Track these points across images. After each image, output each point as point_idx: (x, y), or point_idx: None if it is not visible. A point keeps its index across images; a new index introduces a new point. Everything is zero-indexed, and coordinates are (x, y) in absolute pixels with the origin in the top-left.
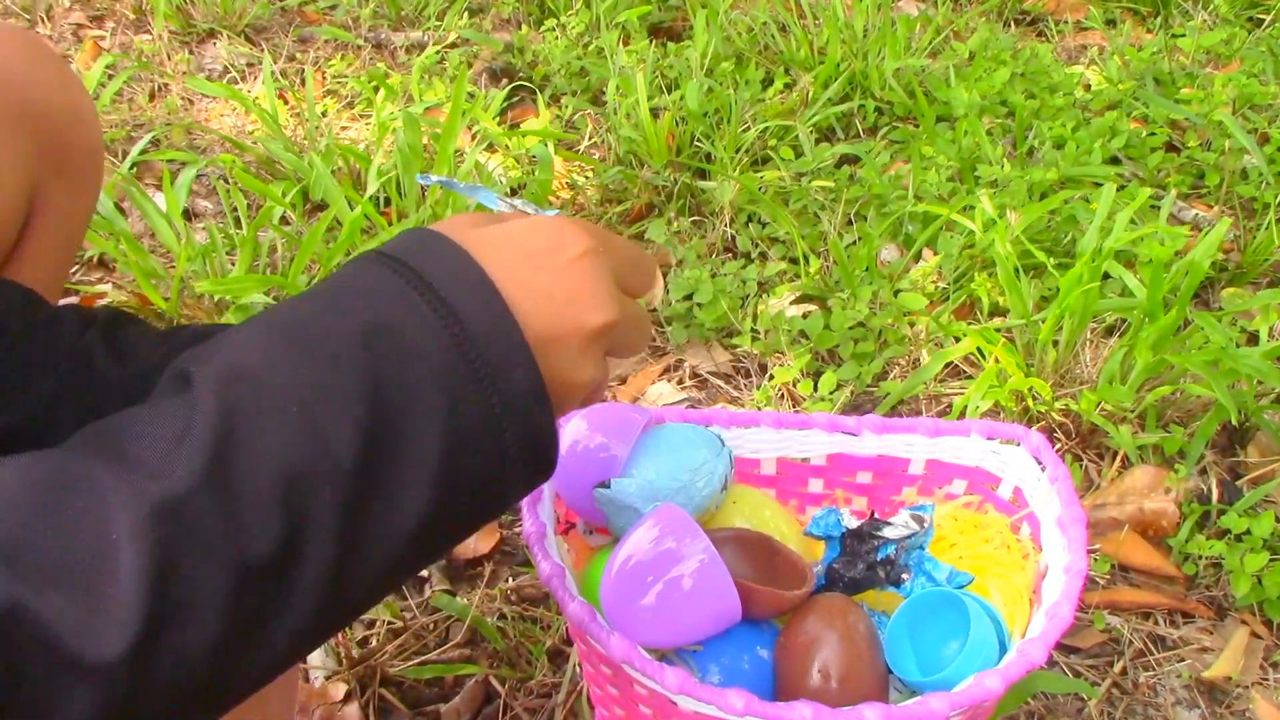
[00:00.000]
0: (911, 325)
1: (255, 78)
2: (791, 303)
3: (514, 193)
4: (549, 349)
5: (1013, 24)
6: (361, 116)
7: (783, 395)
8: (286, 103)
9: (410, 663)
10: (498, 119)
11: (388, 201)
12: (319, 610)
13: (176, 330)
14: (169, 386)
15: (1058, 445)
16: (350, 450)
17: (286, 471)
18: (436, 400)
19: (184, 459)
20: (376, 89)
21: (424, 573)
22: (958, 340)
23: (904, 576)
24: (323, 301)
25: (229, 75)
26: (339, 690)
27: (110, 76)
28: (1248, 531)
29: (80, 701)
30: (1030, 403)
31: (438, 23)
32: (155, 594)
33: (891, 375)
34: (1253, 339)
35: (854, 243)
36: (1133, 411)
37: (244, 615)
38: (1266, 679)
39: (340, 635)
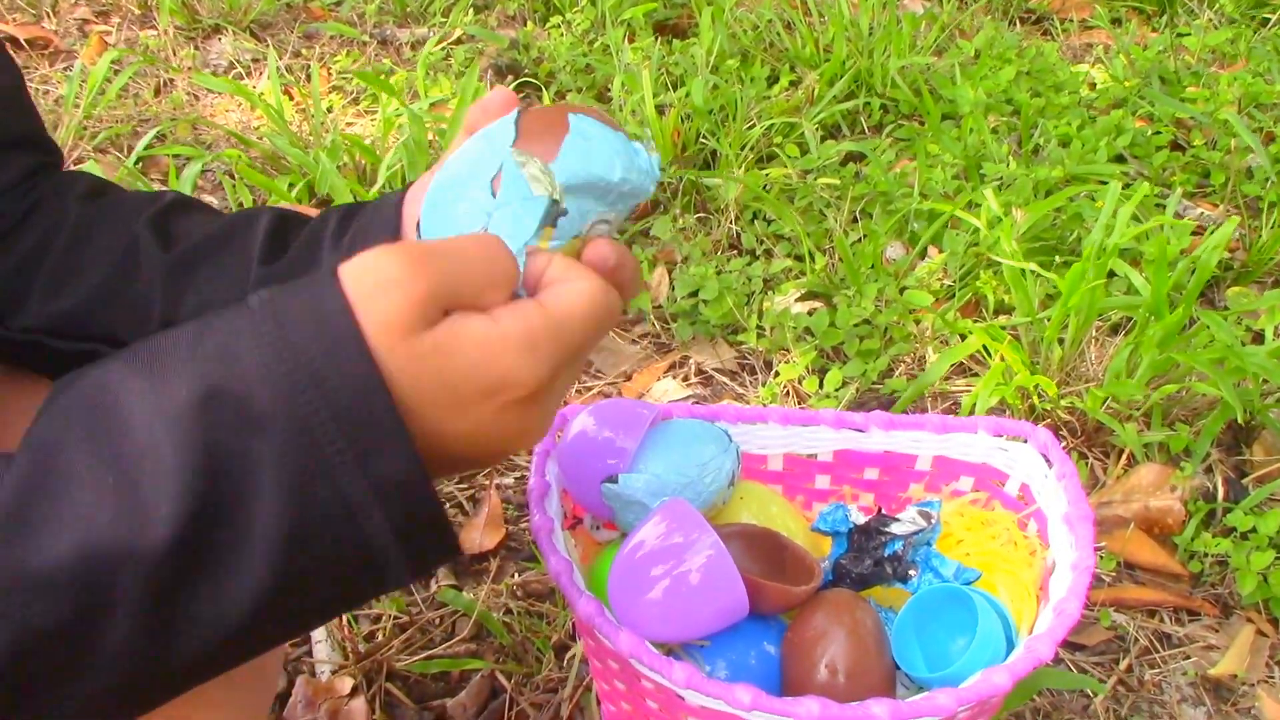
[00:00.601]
0: (917, 323)
1: (260, 73)
2: (797, 300)
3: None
4: (451, 471)
5: (1018, 22)
6: (367, 112)
7: (788, 392)
8: (292, 98)
9: (416, 657)
10: None
11: None
12: (130, 678)
13: (234, 213)
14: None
15: (1063, 443)
16: (168, 528)
17: (86, 546)
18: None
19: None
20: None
21: None
22: (963, 338)
23: (911, 572)
24: (186, 346)
25: (234, 70)
26: (345, 684)
27: (116, 71)
28: (1253, 530)
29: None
30: (1036, 400)
31: (443, 19)
32: None
33: (897, 372)
34: (1258, 337)
35: (859, 240)
36: (1138, 409)
37: (27, 678)
38: (1272, 677)
39: (346, 630)
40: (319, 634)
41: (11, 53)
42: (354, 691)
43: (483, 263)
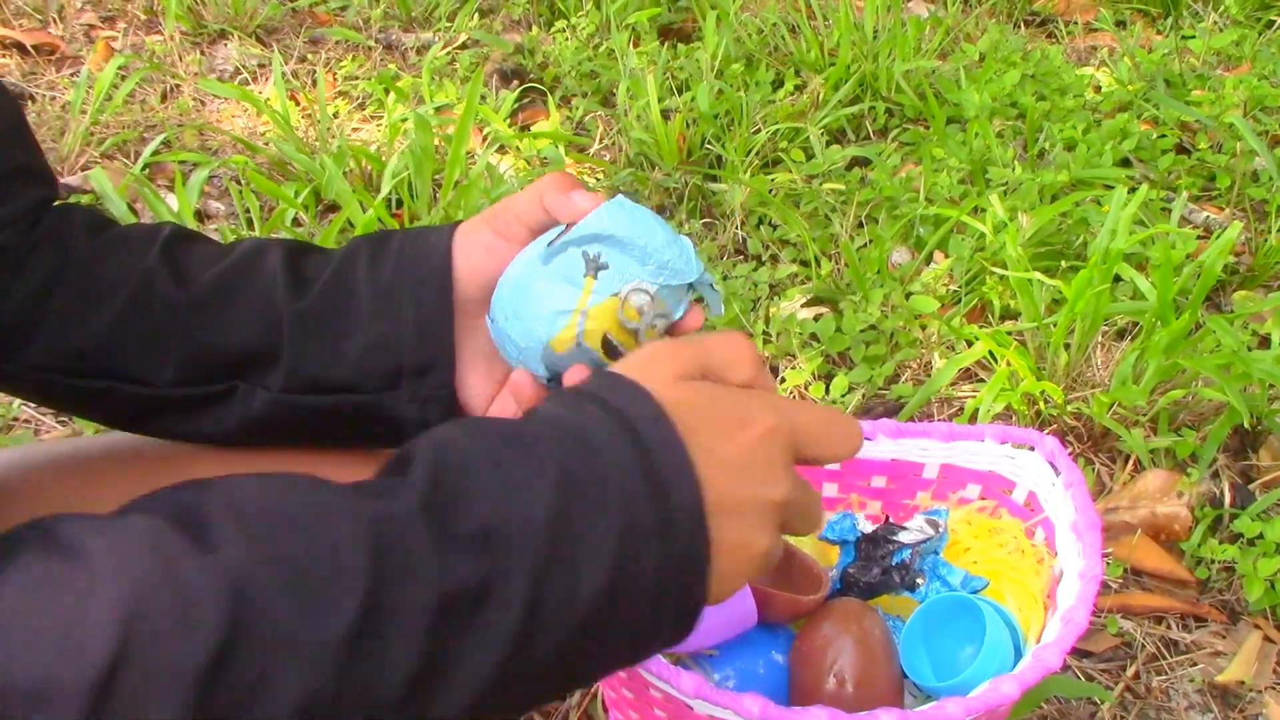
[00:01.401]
0: (923, 328)
1: (266, 79)
2: (803, 305)
3: None
4: (726, 516)
5: (1023, 25)
6: (373, 118)
7: (794, 398)
8: (298, 104)
9: None
10: (508, 120)
11: (399, 203)
12: (503, 664)
13: (235, 244)
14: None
15: (1070, 449)
16: (542, 513)
17: (488, 519)
18: (616, 505)
19: (404, 489)
20: (387, 91)
21: None
22: (970, 344)
23: (919, 581)
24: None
25: (240, 76)
26: None
27: (123, 77)
28: (1260, 536)
29: (291, 680)
30: (1042, 406)
31: (448, 24)
32: (367, 594)
33: (903, 378)
34: (1264, 342)
35: (865, 245)
36: (1145, 415)
37: (438, 643)
38: (1279, 684)
39: None
40: None
41: (8, 86)
42: None
43: (728, 345)
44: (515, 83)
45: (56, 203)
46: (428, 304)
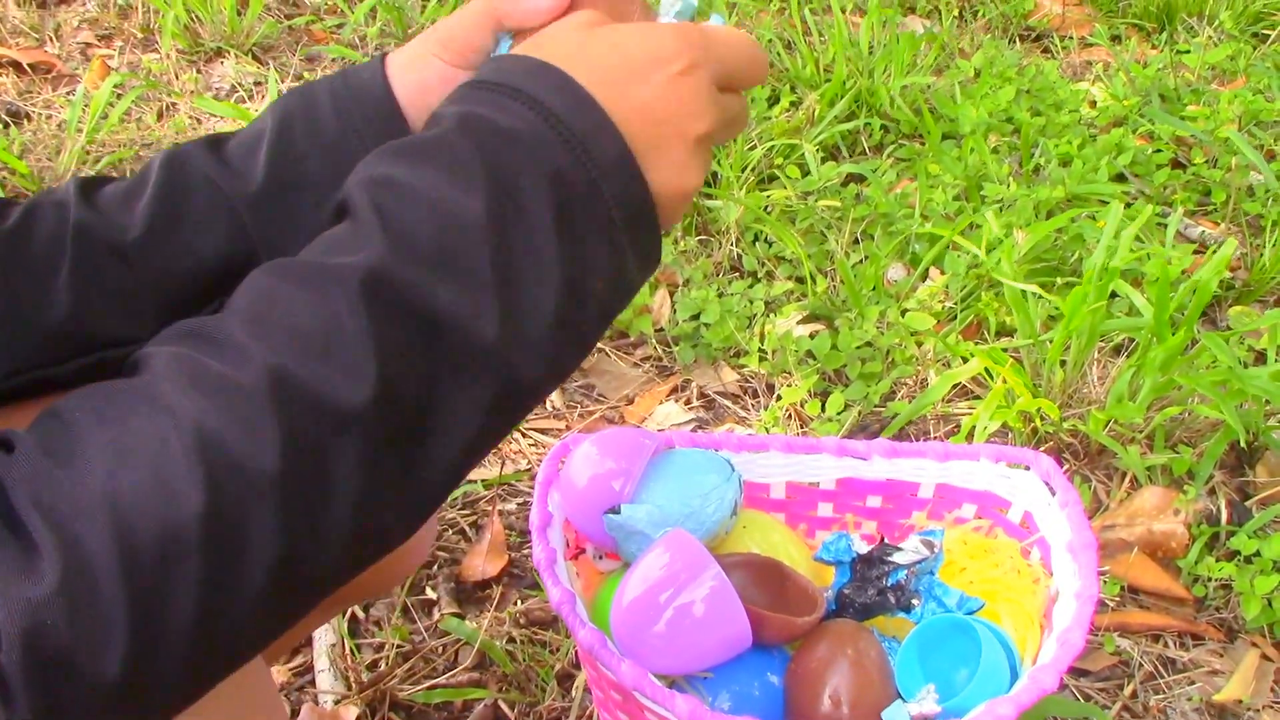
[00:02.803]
0: (919, 345)
1: (263, 97)
2: (798, 322)
3: None
4: (650, 157)
5: (1018, 41)
6: None
7: (790, 416)
8: None
9: (419, 686)
10: None
11: None
12: (501, 343)
13: (144, 171)
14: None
15: (1066, 466)
16: (483, 207)
17: (441, 226)
18: (541, 170)
19: (362, 240)
20: None
21: (432, 595)
22: (965, 360)
23: (914, 602)
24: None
25: (236, 94)
26: (350, 714)
27: (118, 96)
28: (1257, 553)
29: (344, 453)
30: (1038, 423)
31: None
32: (380, 346)
33: (899, 395)
34: (1260, 357)
35: (861, 262)
36: (1141, 432)
37: (438, 361)
38: (1277, 702)
39: (349, 659)
40: (322, 663)
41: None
42: None
43: None
44: None
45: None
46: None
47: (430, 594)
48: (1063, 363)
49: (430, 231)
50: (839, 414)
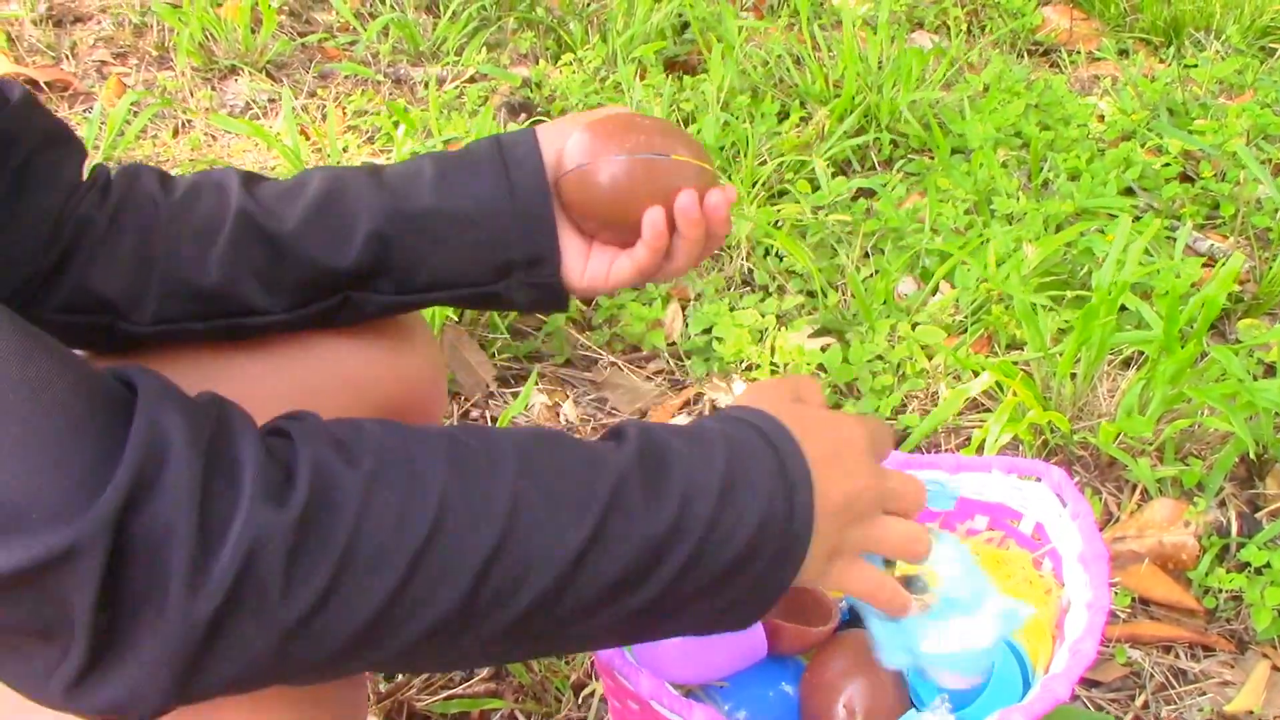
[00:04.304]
0: (930, 358)
1: (277, 113)
2: (810, 336)
3: None
4: (825, 520)
5: (1026, 55)
6: (382, 151)
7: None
8: (308, 138)
9: (437, 697)
10: None
11: None
12: (669, 584)
13: (304, 177)
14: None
15: (1076, 478)
16: (718, 483)
17: (682, 483)
18: (763, 488)
19: (624, 450)
20: (397, 124)
21: None
22: (976, 374)
23: None
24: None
25: (251, 111)
26: None
27: (135, 114)
28: (1268, 564)
29: (540, 576)
30: (1049, 436)
31: (456, 58)
32: (596, 518)
33: (910, 408)
34: (1270, 370)
35: (871, 276)
36: (1151, 444)
37: (638, 567)
38: None
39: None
40: None
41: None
42: None
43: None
44: (523, 115)
45: (112, 166)
46: (533, 204)
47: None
48: (1073, 376)
49: (677, 487)
50: None
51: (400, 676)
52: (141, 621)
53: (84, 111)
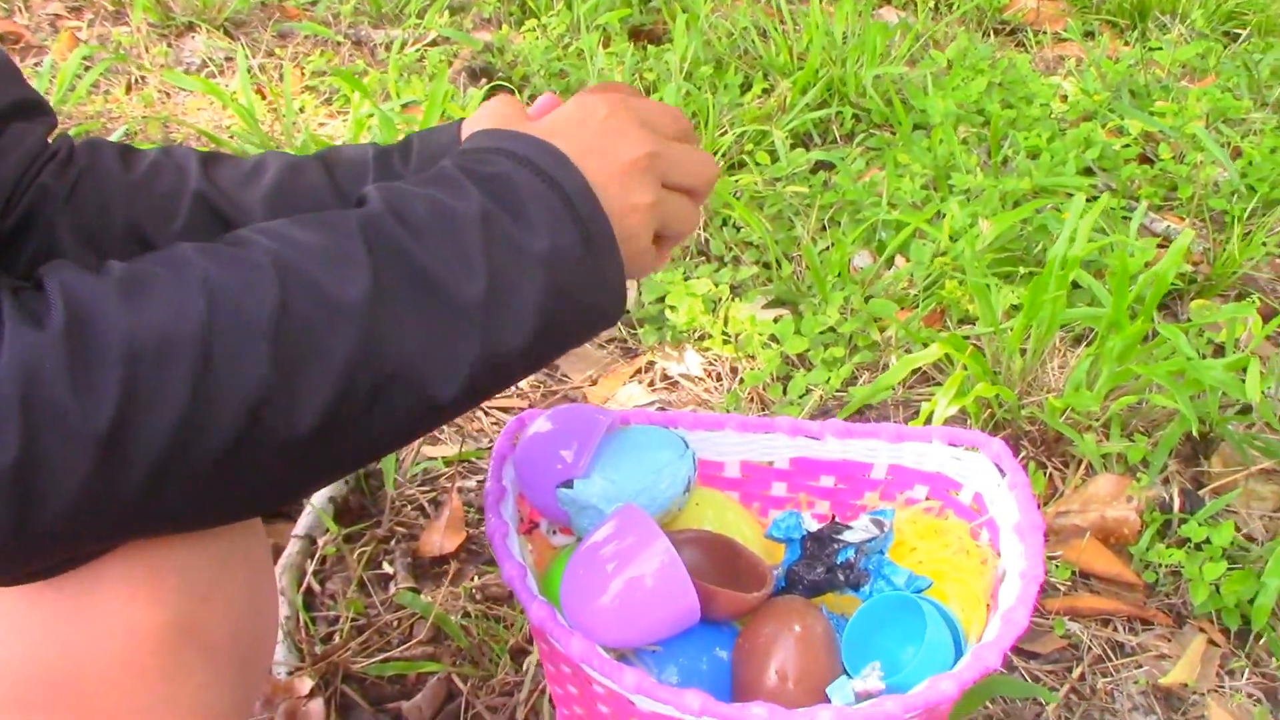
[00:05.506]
0: (882, 331)
1: (233, 72)
2: (763, 307)
3: None
4: (604, 189)
5: (992, 34)
6: (339, 113)
7: (752, 398)
8: (264, 98)
9: (373, 659)
10: None
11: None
12: (486, 323)
13: (259, 162)
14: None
15: (1023, 452)
16: (477, 209)
17: (437, 212)
18: (543, 215)
19: (369, 205)
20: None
21: (389, 570)
22: (925, 346)
23: (863, 580)
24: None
25: (207, 69)
26: (305, 685)
27: (87, 68)
28: (1207, 540)
29: (337, 336)
30: (996, 409)
31: (418, 20)
32: (375, 275)
33: (861, 380)
34: (1220, 350)
35: (827, 248)
36: (1098, 420)
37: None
38: (1222, 686)
39: (303, 631)
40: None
41: None
42: (313, 693)
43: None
44: (484, 80)
45: (74, 135)
46: None
47: (387, 569)
48: (1023, 351)
49: (425, 210)
50: (800, 398)
51: (337, 638)
52: None
53: (35, 65)
